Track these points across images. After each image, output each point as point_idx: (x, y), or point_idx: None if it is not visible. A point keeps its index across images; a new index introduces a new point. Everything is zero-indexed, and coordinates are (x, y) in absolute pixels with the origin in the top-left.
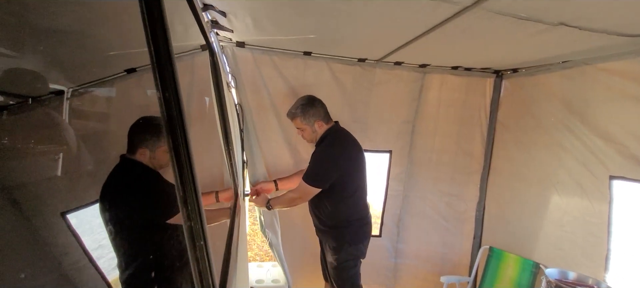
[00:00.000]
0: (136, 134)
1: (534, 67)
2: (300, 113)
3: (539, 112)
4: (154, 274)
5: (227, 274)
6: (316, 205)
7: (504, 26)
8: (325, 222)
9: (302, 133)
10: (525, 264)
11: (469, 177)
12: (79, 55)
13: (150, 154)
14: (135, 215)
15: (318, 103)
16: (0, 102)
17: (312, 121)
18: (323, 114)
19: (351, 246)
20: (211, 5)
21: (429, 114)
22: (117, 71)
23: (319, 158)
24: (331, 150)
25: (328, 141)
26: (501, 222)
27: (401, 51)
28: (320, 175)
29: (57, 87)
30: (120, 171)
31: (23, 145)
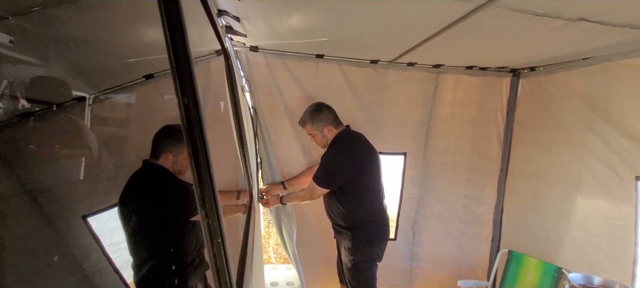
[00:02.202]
0: (161, 140)
1: (552, 65)
2: (309, 120)
3: (559, 111)
4: (174, 267)
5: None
6: (330, 207)
7: (520, 23)
8: (340, 223)
9: (313, 138)
10: (546, 269)
11: (486, 178)
12: (99, 63)
13: (172, 159)
14: (160, 214)
15: (326, 109)
16: (27, 109)
17: (321, 126)
18: (332, 118)
19: (366, 248)
20: (225, 10)
21: (444, 115)
22: (136, 77)
23: (327, 161)
24: (339, 153)
25: (337, 145)
26: (521, 225)
27: (414, 52)
28: (328, 178)
29: (79, 94)
30: (144, 175)
31: (47, 150)
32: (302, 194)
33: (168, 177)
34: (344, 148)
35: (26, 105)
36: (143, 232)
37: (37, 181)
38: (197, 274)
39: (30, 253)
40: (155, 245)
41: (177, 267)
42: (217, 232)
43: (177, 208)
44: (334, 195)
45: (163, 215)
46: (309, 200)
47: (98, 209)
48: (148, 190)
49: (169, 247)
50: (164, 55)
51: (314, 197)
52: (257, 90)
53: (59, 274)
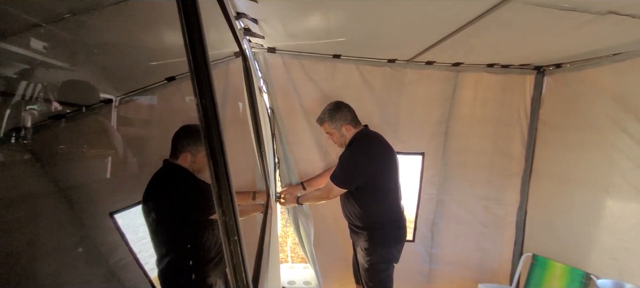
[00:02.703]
0: (180, 139)
1: (580, 61)
2: (328, 118)
3: (587, 109)
4: (192, 263)
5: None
6: (347, 207)
7: (544, 19)
8: (357, 223)
9: (331, 137)
10: (573, 274)
11: (509, 179)
12: (124, 66)
13: (191, 158)
14: (178, 213)
15: (344, 107)
16: (59, 111)
17: (339, 125)
18: (350, 117)
19: (383, 248)
20: (244, 13)
21: (464, 114)
22: (159, 80)
23: (345, 161)
24: (358, 153)
25: (356, 144)
26: (545, 228)
27: (433, 50)
28: (345, 177)
29: (106, 96)
30: (164, 174)
31: (77, 150)
32: (319, 194)
33: (186, 177)
34: (362, 148)
35: (58, 108)
36: (163, 229)
37: (67, 179)
38: (217, 271)
39: (62, 248)
40: (174, 243)
41: (195, 263)
42: (233, 230)
43: (195, 207)
44: (351, 195)
45: (181, 213)
46: (325, 200)
47: (123, 206)
48: (167, 189)
49: (187, 245)
50: (184, 58)
51: (330, 197)
52: (274, 91)
53: (87, 268)
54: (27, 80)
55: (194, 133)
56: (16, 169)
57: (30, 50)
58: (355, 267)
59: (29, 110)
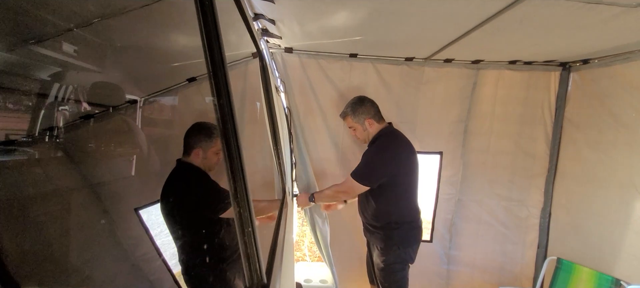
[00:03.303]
0: (191, 136)
1: (609, 57)
2: (351, 111)
3: (616, 107)
4: (208, 259)
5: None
6: (365, 205)
7: (569, 13)
8: (374, 222)
9: (354, 132)
10: (601, 279)
11: (531, 180)
12: (148, 68)
13: (203, 154)
14: (192, 212)
15: (368, 102)
16: (88, 111)
17: (362, 119)
18: (374, 112)
19: (399, 249)
20: (261, 14)
21: (484, 113)
22: (180, 80)
23: (370, 157)
24: (383, 151)
25: (380, 141)
26: (571, 231)
27: (451, 47)
28: (369, 174)
29: (131, 97)
30: (176, 173)
31: (105, 148)
32: (337, 189)
33: (197, 176)
34: (387, 146)
35: (88, 108)
36: (177, 227)
37: (95, 176)
38: (233, 269)
39: (90, 240)
40: (187, 240)
41: (210, 261)
42: (248, 222)
43: (204, 205)
44: (371, 193)
45: (191, 211)
46: (344, 198)
47: (148, 203)
48: (180, 188)
49: (200, 242)
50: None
51: (351, 195)
52: (291, 91)
53: (114, 261)
54: (60, 82)
55: (204, 129)
56: (49, 166)
57: (62, 53)
58: (369, 267)
59: (61, 111)
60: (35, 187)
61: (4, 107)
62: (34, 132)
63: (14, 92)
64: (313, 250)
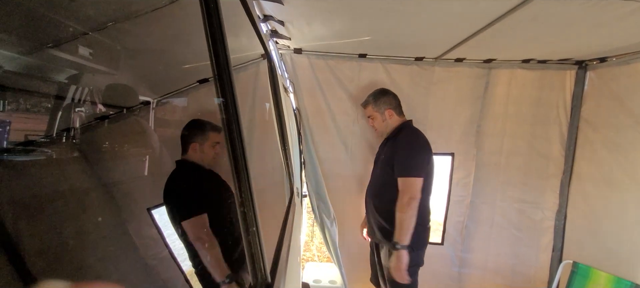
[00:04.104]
0: (187, 134)
1: (628, 55)
2: (372, 100)
3: (636, 107)
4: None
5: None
6: (378, 205)
7: (585, 10)
8: (386, 223)
9: (372, 122)
10: (620, 284)
11: (546, 182)
12: (160, 70)
13: (199, 148)
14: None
15: (391, 94)
16: (103, 113)
17: (382, 109)
18: (395, 104)
19: (413, 251)
20: (271, 15)
21: (496, 113)
22: (191, 82)
23: (409, 148)
24: (416, 141)
25: (408, 133)
26: (588, 234)
27: (462, 47)
28: (418, 164)
29: (144, 98)
30: (176, 172)
31: (119, 149)
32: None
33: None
34: (417, 138)
35: (102, 110)
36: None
37: (110, 176)
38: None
39: (105, 239)
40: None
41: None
42: (252, 221)
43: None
44: (387, 191)
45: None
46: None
47: (160, 202)
48: (179, 186)
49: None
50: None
51: (417, 195)
52: (301, 92)
53: (127, 260)
54: (76, 84)
55: (198, 124)
56: (66, 166)
57: (78, 56)
58: (375, 269)
59: (77, 112)
60: (52, 187)
61: (24, 108)
62: (52, 133)
63: (32, 94)
64: (322, 251)
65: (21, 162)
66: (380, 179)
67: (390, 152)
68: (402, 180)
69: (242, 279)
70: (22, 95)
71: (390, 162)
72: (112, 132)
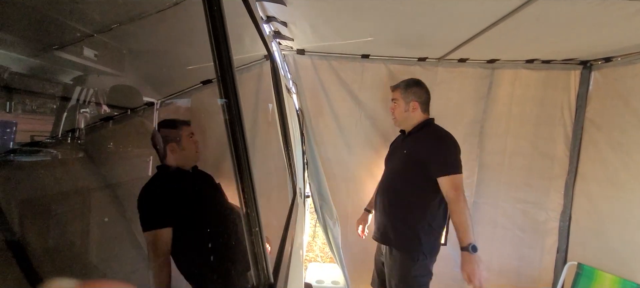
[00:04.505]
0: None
1: (634, 54)
2: (403, 86)
3: None
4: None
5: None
6: (400, 203)
7: (590, 9)
8: (401, 224)
9: (394, 107)
10: (625, 286)
11: (550, 182)
12: (164, 71)
13: (177, 146)
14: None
15: (424, 88)
16: (108, 114)
17: (409, 99)
18: (424, 99)
19: (427, 258)
20: (274, 16)
21: (500, 113)
22: (195, 83)
23: (445, 146)
24: (451, 138)
25: (437, 130)
26: (593, 236)
27: (466, 47)
28: (457, 161)
29: (149, 99)
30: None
31: (123, 149)
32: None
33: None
34: (450, 136)
35: (107, 111)
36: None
37: (115, 176)
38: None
39: (109, 239)
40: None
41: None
42: (255, 222)
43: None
44: (407, 188)
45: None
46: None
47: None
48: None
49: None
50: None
51: (463, 190)
52: (304, 92)
53: (131, 259)
54: (81, 86)
55: (167, 123)
56: (71, 166)
57: (83, 58)
58: (380, 273)
59: (82, 113)
60: (58, 187)
61: (30, 109)
62: (57, 134)
63: (38, 96)
64: (325, 251)
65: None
66: (399, 176)
67: (418, 147)
68: (445, 179)
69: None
70: (29, 96)
71: (417, 157)
72: (117, 132)
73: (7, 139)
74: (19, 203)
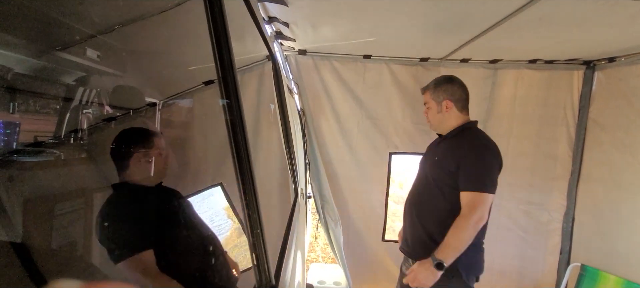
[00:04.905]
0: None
1: (637, 54)
2: (432, 86)
3: None
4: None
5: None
6: (426, 215)
7: (593, 9)
8: (431, 240)
9: (426, 111)
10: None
11: (553, 183)
12: (166, 71)
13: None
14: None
15: (457, 83)
16: (110, 114)
17: (441, 98)
18: (458, 97)
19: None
20: (276, 17)
21: (502, 114)
22: (196, 84)
23: (481, 157)
24: (491, 149)
25: (478, 136)
26: (596, 237)
27: (468, 47)
28: (493, 178)
29: (151, 100)
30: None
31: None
32: (468, 220)
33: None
34: (491, 145)
35: (110, 111)
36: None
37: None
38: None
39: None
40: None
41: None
42: (256, 223)
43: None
44: (439, 202)
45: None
46: (482, 223)
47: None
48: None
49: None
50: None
51: (484, 217)
52: (305, 93)
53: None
54: (84, 86)
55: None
56: (74, 166)
57: (86, 59)
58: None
59: (85, 114)
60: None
61: (33, 110)
62: (60, 134)
63: (41, 96)
64: (327, 252)
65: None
66: (428, 185)
67: (448, 155)
68: (470, 194)
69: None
70: (32, 97)
71: (447, 167)
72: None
73: (11, 139)
74: (22, 204)
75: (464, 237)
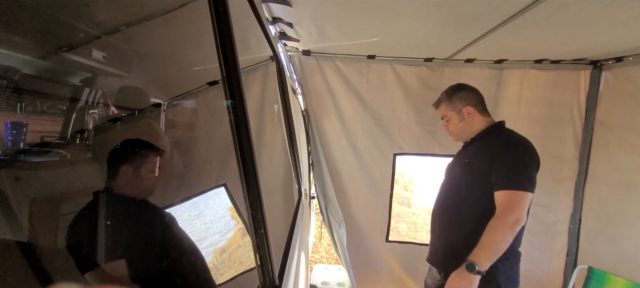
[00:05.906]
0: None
1: None
2: (445, 98)
3: None
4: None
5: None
6: (457, 221)
7: (599, 8)
8: (463, 246)
9: (447, 125)
10: None
11: (559, 184)
12: (171, 72)
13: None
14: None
15: (469, 88)
16: (116, 114)
17: (459, 106)
18: (476, 100)
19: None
20: (280, 18)
21: (508, 114)
22: (201, 84)
23: (517, 153)
24: (527, 145)
25: (511, 133)
26: (604, 239)
27: (473, 47)
28: (531, 175)
29: (155, 100)
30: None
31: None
32: (505, 228)
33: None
34: (527, 142)
35: (115, 112)
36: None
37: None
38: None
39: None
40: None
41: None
42: (260, 224)
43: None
44: (471, 205)
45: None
46: (519, 226)
47: (169, 204)
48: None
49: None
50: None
51: (522, 218)
52: (309, 93)
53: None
54: (90, 87)
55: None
56: (80, 167)
57: (92, 60)
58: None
59: (91, 114)
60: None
61: (40, 110)
62: (67, 134)
63: (48, 97)
64: (331, 252)
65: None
66: (459, 190)
67: (480, 154)
68: (506, 193)
69: None
70: (39, 97)
71: (479, 166)
72: (125, 134)
73: (18, 140)
74: (29, 203)
75: (499, 240)
